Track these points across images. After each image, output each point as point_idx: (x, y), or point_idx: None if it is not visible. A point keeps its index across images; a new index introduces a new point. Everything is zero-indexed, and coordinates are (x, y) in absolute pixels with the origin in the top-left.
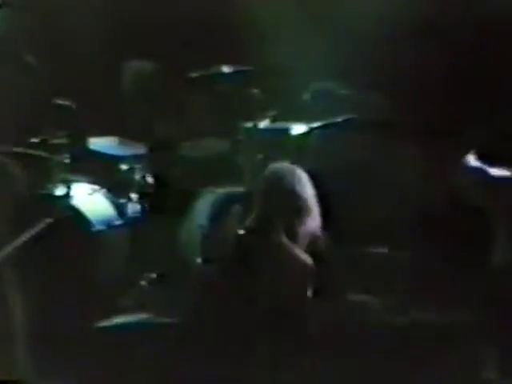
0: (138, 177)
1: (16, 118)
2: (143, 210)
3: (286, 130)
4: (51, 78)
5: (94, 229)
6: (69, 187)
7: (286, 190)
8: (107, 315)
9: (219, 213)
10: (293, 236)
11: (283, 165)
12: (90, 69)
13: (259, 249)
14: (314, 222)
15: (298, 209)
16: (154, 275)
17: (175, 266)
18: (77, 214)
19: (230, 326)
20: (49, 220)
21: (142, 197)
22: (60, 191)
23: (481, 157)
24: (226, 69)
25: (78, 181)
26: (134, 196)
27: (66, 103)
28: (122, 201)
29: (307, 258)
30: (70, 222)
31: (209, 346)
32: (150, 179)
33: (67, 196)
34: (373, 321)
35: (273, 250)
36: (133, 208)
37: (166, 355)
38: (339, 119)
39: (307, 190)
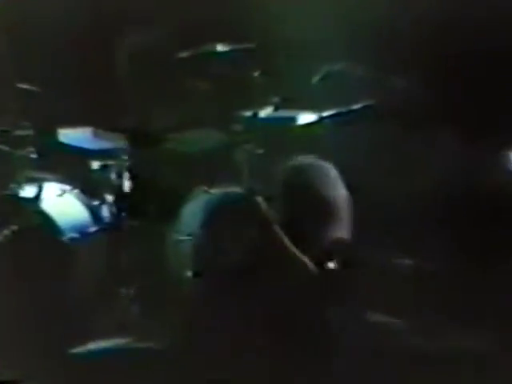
0: (116, 175)
1: None
2: (122, 214)
3: (292, 120)
4: (14, 58)
5: (64, 237)
6: (35, 187)
7: (310, 190)
8: (80, 340)
9: (213, 218)
10: (313, 242)
11: (309, 160)
12: (61, 47)
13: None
14: (340, 228)
15: (322, 212)
16: (134, 291)
17: (160, 281)
18: (45, 219)
19: (225, 351)
20: (14, 227)
21: (121, 199)
22: (25, 192)
23: None
24: (220, 47)
25: (46, 179)
26: (111, 198)
27: (32, 87)
28: (98, 203)
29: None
30: (36, 228)
31: (199, 376)
32: (130, 178)
33: (34, 198)
34: (396, 345)
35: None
36: (110, 212)
37: None
38: (355, 106)
39: (336, 190)
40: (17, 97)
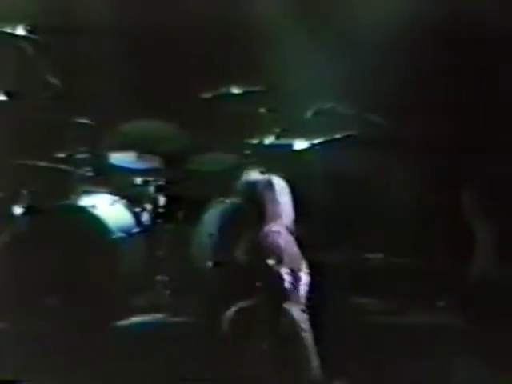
0: (154, 188)
1: (43, 135)
2: (158, 219)
3: (290, 146)
4: (75, 99)
5: (114, 236)
6: (92, 198)
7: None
8: (125, 315)
9: (227, 222)
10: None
11: (256, 176)
12: (112, 90)
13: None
14: (280, 225)
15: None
16: (167, 278)
17: (187, 270)
18: (99, 222)
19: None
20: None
21: (157, 207)
22: (83, 202)
23: None
24: (235, 90)
25: (99, 192)
26: (150, 207)
27: (89, 122)
28: (140, 211)
29: None
30: (91, 229)
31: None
32: (164, 191)
33: (90, 206)
34: (370, 321)
35: None
36: (149, 217)
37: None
38: (339, 136)
39: (280, 197)
40: (77, 128)
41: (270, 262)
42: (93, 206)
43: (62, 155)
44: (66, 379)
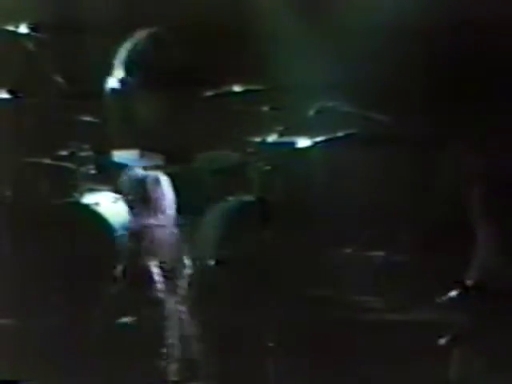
0: None
1: (46, 133)
2: None
3: (292, 144)
4: (78, 97)
5: (116, 234)
6: (94, 196)
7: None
8: (127, 313)
9: (231, 220)
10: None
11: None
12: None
13: None
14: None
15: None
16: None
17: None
18: (101, 220)
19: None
20: None
21: None
22: (86, 199)
23: None
24: (237, 88)
25: (102, 190)
26: None
27: (92, 119)
28: None
29: None
30: (94, 226)
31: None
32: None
33: (93, 204)
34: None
35: None
36: None
37: None
38: (341, 134)
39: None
40: (81, 126)
41: (145, 255)
42: (96, 204)
43: (64, 153)
44: (66, 378)
